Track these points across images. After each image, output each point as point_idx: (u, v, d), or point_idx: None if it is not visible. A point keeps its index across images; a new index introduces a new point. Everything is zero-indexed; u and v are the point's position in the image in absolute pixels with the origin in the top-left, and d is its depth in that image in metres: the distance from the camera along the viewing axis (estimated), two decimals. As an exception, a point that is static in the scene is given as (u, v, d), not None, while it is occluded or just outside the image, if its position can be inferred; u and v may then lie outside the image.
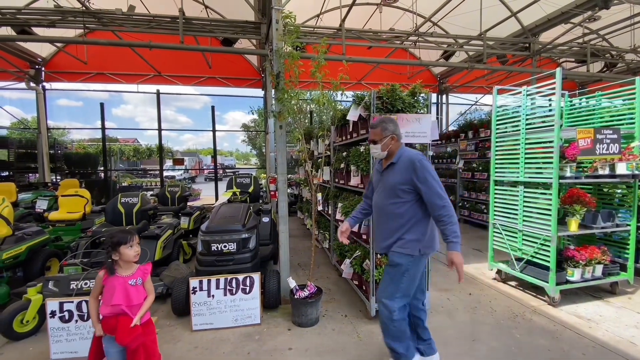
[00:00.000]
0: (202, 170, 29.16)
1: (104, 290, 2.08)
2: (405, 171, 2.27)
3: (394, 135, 2.40)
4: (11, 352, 2.85)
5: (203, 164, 30.53)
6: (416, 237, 2.29)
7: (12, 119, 10.37)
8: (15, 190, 6.61)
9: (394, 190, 2.31)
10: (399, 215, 2.31)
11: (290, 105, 3.49)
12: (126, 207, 4.42)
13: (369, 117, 3.27)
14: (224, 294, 3.23)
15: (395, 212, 2.32)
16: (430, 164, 2.33)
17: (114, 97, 53.45)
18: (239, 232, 3.48)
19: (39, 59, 9.73)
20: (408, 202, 2.29)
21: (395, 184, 2.30)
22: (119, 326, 2.01)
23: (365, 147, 3.50)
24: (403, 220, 2.31)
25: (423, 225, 2.32)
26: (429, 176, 2.20)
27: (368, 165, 3.25)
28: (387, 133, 2.38)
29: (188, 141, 70.54)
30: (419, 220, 2.31)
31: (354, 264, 3.57)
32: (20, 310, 3.00)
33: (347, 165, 3.96)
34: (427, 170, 2.21)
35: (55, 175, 10.82)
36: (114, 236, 2.09)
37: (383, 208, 2.40)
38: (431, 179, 2.20)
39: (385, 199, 2.38)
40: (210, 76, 10.99)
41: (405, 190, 2.28)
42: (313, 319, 3.28)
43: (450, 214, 2.16)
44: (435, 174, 2.23)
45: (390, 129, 2.39)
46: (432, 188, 2.18)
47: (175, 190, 6.57)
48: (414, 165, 2.24)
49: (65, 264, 3.50)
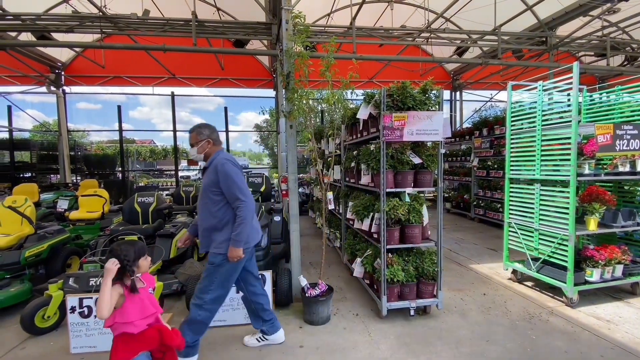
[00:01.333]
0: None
1: (127, 306, 1.91)
2: (213, 173, 2.45)
3: (209, 139, 2.58)
4: (33, 346, 2.97)
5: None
6: (228, 237, 2.46)
7: (34, 122, 10.68)
8: (38, 190, 6.87)
9: (207, 192, 2.50)
10: (212, 216, 2.49)
11: (301, 104, 3.51)
12: (142, 206, 4.54)
13: (379, 115, 3.25)
14: (236, 291, 3.28)
15: (209, 213, 2.50)
16: (234, 167, 2.47)
17: (131, 100, 55.03)
18: (250, 230, 3.52)
19: (59, 64, 10.09)
20: (219, 203, 2.47)
21: (206, 186, 2.49)
22: (164, 333, 1.99)
23: (376, 145, 3.48)
24: (215, 221, 2.49)
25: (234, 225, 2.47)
26: (229, 178, 2.40)
27: (378, 164, 3.23)
28: (202, 137, 2.57)
29: (202, 142, 71.25)
30: (229, 220, 2.49)
31: (365, 263, 3.56)
32: (42, 306, 3.13)
33: (357, 164, 3.95)
34: (227, 173, 2.40)
35: (76, 176, 11.19)
36: (129, 250, 1.96)
37: (200, 209, 2.58)
38: (231, 181, 2.40)
39: (201, 200, 2.56)
40: (223, 77, 11.16)
41: (214, 192, 2.47)
42: (324, 318, 3.29)
43: (242, 216, 2.40)
44: (237, 176, 2.44)
45: (206, 134, 2.58)
46: (230, 189, 2.40)
47: (190, 190, 6.69)
48: (216, 168, 2.44)
49: (85, 261, 3.62)
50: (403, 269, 3.31)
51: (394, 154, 3.28)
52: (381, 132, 3.17)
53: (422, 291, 3.39)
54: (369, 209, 3.64)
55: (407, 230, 3.34)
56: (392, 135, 3.14)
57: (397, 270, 3.26)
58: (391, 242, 3.29)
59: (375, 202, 3.53)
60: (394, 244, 3.30)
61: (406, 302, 3.33)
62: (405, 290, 3.36)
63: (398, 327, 3.20)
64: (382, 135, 3.16)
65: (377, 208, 3.38)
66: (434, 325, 3.23)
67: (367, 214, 3.63)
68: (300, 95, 3.40)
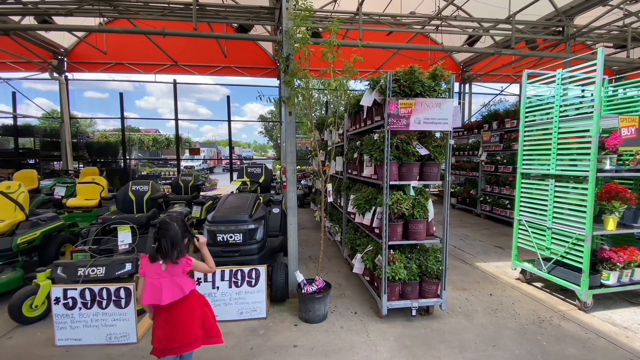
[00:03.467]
0: (220, 160, 29.47)
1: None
2: None
3: None
4: (20, 336, 2.86)
5: (221, 155, 30.87)
6: None
7: (41, 111, 10.65)
8: (37, 177, 6.80)
9: None
10: None
11: (300, 90, 3.29)
12: (137, 194, 4.40)
13: (384, 102, 3.02)
14: (229, 285, 3.13)
15: None
16: None
17: (138, 89, 55.23)
18: (245, 222, 3.36)
19: (62, 49, 9.94)
20: None
21: None
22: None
23: (380, 134, 3.25)
24: None
25: None
26: None
27: (382, 155, 3.02)
28: None
29: (207, 132, 71.86)
30: None
31: (366, 259, 3.38)
32: (30, 295, 3.01)
33: (360, 155, 3.74)
34: None
35: (78, 164, 11.13)
36: (180, 220, 2.00)
37: None
38: None
39: None
40: (226, 65, 10.93)
41: None
42: (321, 315, 3.13)
43: None
44: None
45: None
46: None
47: (189, 179, 6.55)
48: None
49: (75, 250, 3.50)
50: (405, 267, 3.12)
51: (399, 145, 3.06)
52: (386, 120, 2.95)
53: (425, 290, 3.21)
54: (371, 203, 3.44)
55: (411, 226, 3.14)
56: (398, 124, 2.92)
57: (399, 268, 3.07)
58: (393, 238, 3.09)
59: (378, 196, 3.33)
60: (396, 240, 3.11)
61: (408, 302, 3.15)
62: (407, 288, 3.18)
63: (398, 328, 3.03)
64: (387, 124, 2.94)
65: (380, 202, 3.18)
66: (436, 327, 3.05)
67: (368, 208, 3.43)
68: (299, 79, 3.17)
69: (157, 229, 1.93)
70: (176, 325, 1.89)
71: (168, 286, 1.86)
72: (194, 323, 1.93)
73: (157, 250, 1.91)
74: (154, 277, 1.87)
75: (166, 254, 1.88)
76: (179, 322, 1.90)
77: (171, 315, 1.89)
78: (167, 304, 1.86)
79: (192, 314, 1.94)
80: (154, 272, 1.88)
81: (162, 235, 1.89)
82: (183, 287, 1.89)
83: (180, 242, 1.92)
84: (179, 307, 1.91)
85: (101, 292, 2.70)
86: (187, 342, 1.90)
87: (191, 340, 1.91)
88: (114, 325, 2.74)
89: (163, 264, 1.90)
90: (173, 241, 1.88)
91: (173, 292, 1.86)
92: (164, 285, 1.85)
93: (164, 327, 1.90)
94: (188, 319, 1.92)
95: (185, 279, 1.94)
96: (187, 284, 1.93)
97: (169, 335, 1.88)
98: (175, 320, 1.89)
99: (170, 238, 1.88)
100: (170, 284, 1.87)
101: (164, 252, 1.88)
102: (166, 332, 1.88)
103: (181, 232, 1.93)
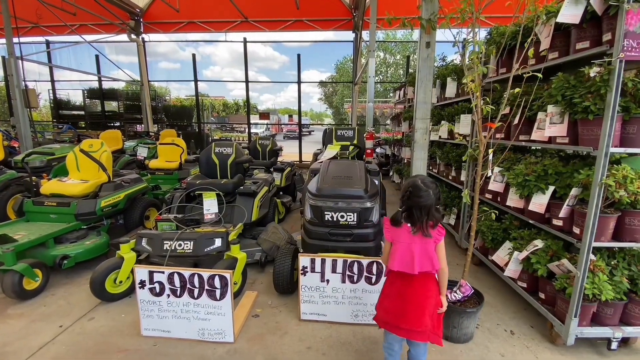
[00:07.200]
0: (281, 128, 29.44)
1: None
2: None
3: None
4: (102, 317, 2.49)
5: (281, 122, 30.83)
6: None
7: (124, 76, 11.00)
8: (122, 137, 6.82)
9: None
10: None
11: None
12: (220, 157, 3.84)
13: (606, 14, 1.80)
14: (341, 280, 2.38)
15: None
16: None
17: (204, 59, 57.42)
18: (360, 199, 2.51)
19: (137, 10, 9.84)
20: None
21: None
22: None
23: (599, 70, 1.98)
24: None
25: None
26: None
27: (602, 103, 1.85)
28: None
29: (267, 101, 73.34)
30: None
31: (535, 261, 2.33)
32: (113, 269, 2.62)
33: (523, 108, 2.55)
34: None
35: (158, 127, 11.48)
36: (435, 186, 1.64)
37: None
38: None
39: None
40: (297, 19, 9.95)
41: None
42: (468, 335, 2.25)
43: None
44: None
45: None
46: None
47: (267, 143, 5.95)
48: None
49: (159, 218, 3.05)
50: (610, 280, 2.03)
51: (633, 88, 1.85)
52: (619, 42, 1.74)
53: (632, 314, 2.11)
54: (545, 180, 2.33)
55: (628, 220, 2.00)
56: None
57: (604, 283, 2.00)
58: (601, 237, 1.99)
59: (567, 170, 2.21)
60: (604, 240, 2.00)
61: (607, 329, 2.10)
62: (605, 311, 2.11)
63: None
64: (620, 50, 1.74)
65: (579, 180, 2.06)
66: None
67: (541, 188, 2.33)
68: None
69: (409, 194, 1.59)
70: (409, 303, 1.64)
71: (419, 254, 1.61)
72: (427, 308, 1.62)
73: (406, 218, 1.64)
74: (405, 242, 1.63)
75: (420, 223, 1.59)
76: (412, 300, 1.64)
77: (405, 288, 1.66)
78: (410, 273, 1.62)
79: (426, 296, 1.64)
80: (404, 236, 1.64)
81: (414, 204, 1.58)
82: (433, 261, 1.62)
83: (435, 213, 1.61)
84: (416, 283, 1.65)
85: (192, 278, 2.13)
86: (417, 329, 1.61)
87: (422, 329, 1.61)
88: (207, 320, 2.19)
89: (413, 228, 1.61)
90: (429, 212, 1.58)
91: (422, 262, 1.62)
92: (416, 253, 1.61)
93: (395, 299, 1.69)
94: (422, 301, 1.63)
95: (435, 253, 1.63)
96: (436, 259, 1.63)
97: (399, 311, 1.65)
98: (410, 297, 1.64)
99: (426, 208, 1.57)
100: (421, 252, 1.62)
101: (415, 221, 1.61)
102: (396, 306, 1.67)
103: (435, 201, 1.60)
